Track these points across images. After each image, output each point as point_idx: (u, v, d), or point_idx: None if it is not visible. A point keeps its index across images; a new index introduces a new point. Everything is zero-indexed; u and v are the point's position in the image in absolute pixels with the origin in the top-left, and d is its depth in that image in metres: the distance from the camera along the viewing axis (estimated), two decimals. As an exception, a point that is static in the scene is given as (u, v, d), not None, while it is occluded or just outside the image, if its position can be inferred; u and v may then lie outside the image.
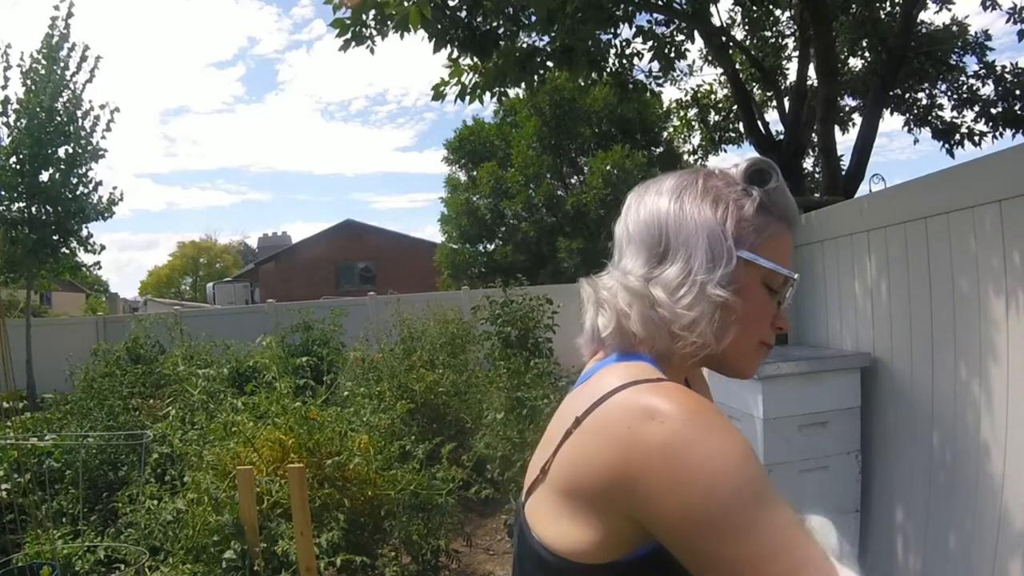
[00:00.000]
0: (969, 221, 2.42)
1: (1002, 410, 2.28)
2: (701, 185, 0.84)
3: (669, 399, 0.70)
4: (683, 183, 0.85)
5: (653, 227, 0.83)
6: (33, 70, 10.00)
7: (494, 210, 18.34)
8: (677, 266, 0.81)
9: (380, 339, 6.17)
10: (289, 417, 3.31)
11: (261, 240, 35.19)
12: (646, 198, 0.87)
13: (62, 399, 6.38)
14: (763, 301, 0.84)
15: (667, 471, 0.66)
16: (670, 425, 0.67)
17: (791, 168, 6.05)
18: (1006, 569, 2.24)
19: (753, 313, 0.83)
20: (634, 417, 0.70)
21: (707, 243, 0.80)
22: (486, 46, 4.71)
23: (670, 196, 0.84)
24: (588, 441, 0.74)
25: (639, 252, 0.84)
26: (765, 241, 0.83)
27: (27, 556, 3.32)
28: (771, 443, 2.86)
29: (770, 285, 0.84)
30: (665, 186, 0.86)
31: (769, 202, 0.83)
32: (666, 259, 0.82)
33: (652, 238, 0.83)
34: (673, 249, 0.82)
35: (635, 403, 0.71)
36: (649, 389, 0.73)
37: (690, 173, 0.87)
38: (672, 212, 0.82)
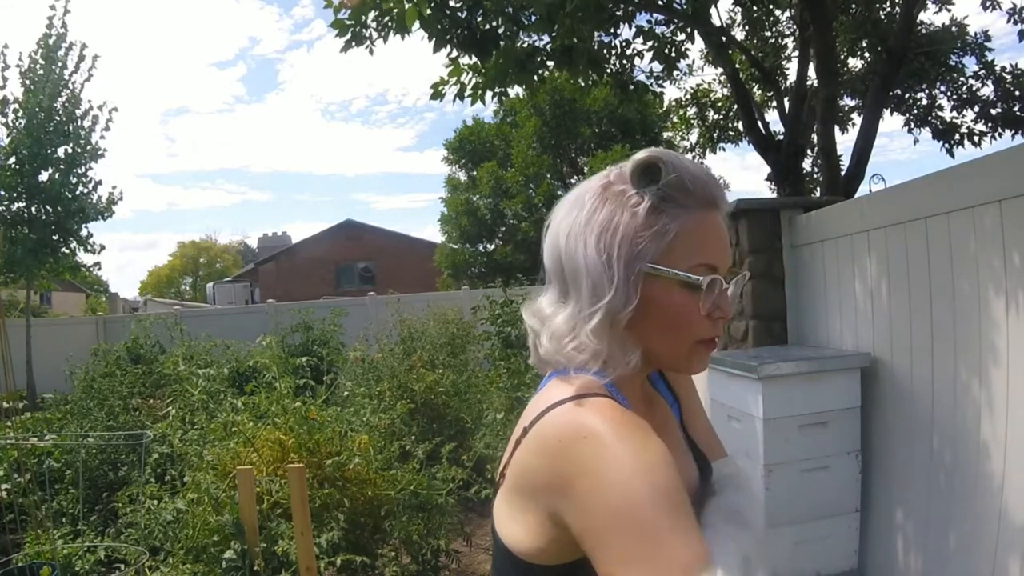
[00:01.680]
0: (969, 221, 2.42)
1: (1002, 410, 2.28)
2: (591, 201, 0.82)
3: (596, 416, 0.73)
4: (575, 203, 0.84)
5: (554, 262, 0.84)
6: (31, 70, 10.00)
7: (494, 210, 18.36)
8: (568, 310, 0.82)
9: (380, 339, 6.17)
10: (289, 417, 3.31)
11: (261, 240, 35.19)
12: (553, 221, 0.86)
13: (62, 399, 6.39)
14: (684, 302, 0.80)
15: (589, 484, 0.69)
16: (594, 441, 0.71)
17: (791, 168, 6.05)
18: (1006, 569, 2.24)
19: (674, 318, 0.80)
20: (564, 433, 0.74)
21: (590, 281, 0.79)
22: (486, 46, 4.71)
23: (564, 222, 0.83)
24: (530, 452, 0.77)
25: (552, 288, 0.86)
26: (673, 241, 0.79)
27: (27, 556, 3.32)
28: (771, 443, 2.86)
29: (690, 284, 0.79)
30: (563, 208, 0.85)
31: (664, 200, 0.79)
32: (567, 298, 0.83)
33: (557, 274, 0.84)
34: (570, 288, 0.82)
35: (567, 419, 0.75)
36: (581, 405, 0.76)
37: (592, 183, 0.85)
38: (563, 245, 0.82)
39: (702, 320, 0.81)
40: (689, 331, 0.81)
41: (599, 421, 0.73)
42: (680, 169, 0.79)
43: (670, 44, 6.00)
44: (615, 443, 0.70)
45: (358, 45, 4.34)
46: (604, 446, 0.70)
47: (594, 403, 0.76)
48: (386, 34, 4.23)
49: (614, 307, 0.78)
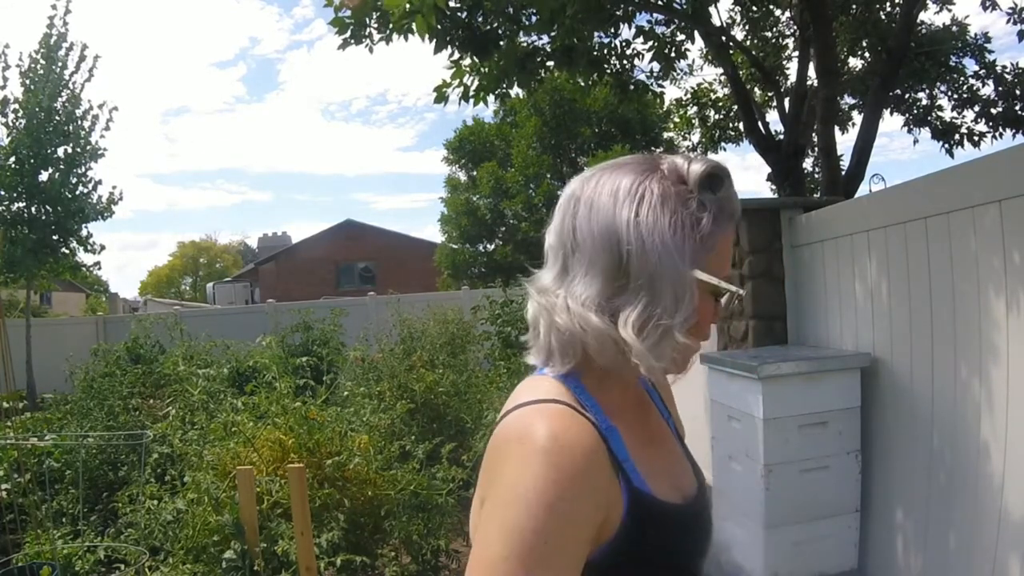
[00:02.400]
0: (969, 221, 2.42)
1: (1002, 410, 2.28)
2: (658, 193, 0.78)
3: (545, 426, 0.74)
4: (640, 188, 0.78)
5: (612, 247, 0.78)
6: (32, 70, 10.01)
7: (494, 210, 18.36)
8: (640, 306, 0.77)
9: (380, 339, 6.17)
10: (289, 417, 3.31)
11: (261, 240, 35.21)
12: (600, 200, 0.80)
13: (62, 399, 6.40)
14: (707, 309, 0.82)
15: (496, 491, 0.73)
16: (523, 449, 0.73)
17: (791, 168, 6.05)
18: (1006, 569, 2.24)
19: (700, 322, 0.82)
20: (512, 435, 0.76)
21: (671, 284, 0.77)
22: (486, 46, 4.71)
23: (628, 207, 0.78)
24: (487, 453, 0.79)
25: (595, 276, 0.79)
26: (713, 252, 0.80)
27: (27, 556, 3.32)
28: (771, 443, 2.86)
29: (718, 293, 0.81)
30: (621, 189, 0.79)
31: (720, 212, 0.79)
32: (626, 291, 0.78)
33: (611, 262, 0.78)
34: (634, 283, 0.77)
35: (519, 423, 0.77)
36: (538, 412, 0.77)
37: (643, 171, 0.80)
38: (633, 234, 0.77)
39: (710, 324, 0.84)
40: (703, 335, 0.84)
41: (542, 433, 0.73)
42: (731, 184, 0.81)
43: (670, 44, 6.00)
44: (536, 459, 0.71)
45: (357, 44, 4.34)
46: (527, 457, 0.72)
47: (552, 411, 0.76)
48: (388, 35, 4.24)
49: (692, 314, 0.78)
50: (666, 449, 0.91)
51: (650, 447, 0.86)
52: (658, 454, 0.87)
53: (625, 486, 0.77)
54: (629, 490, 0.77)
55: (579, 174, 0.87)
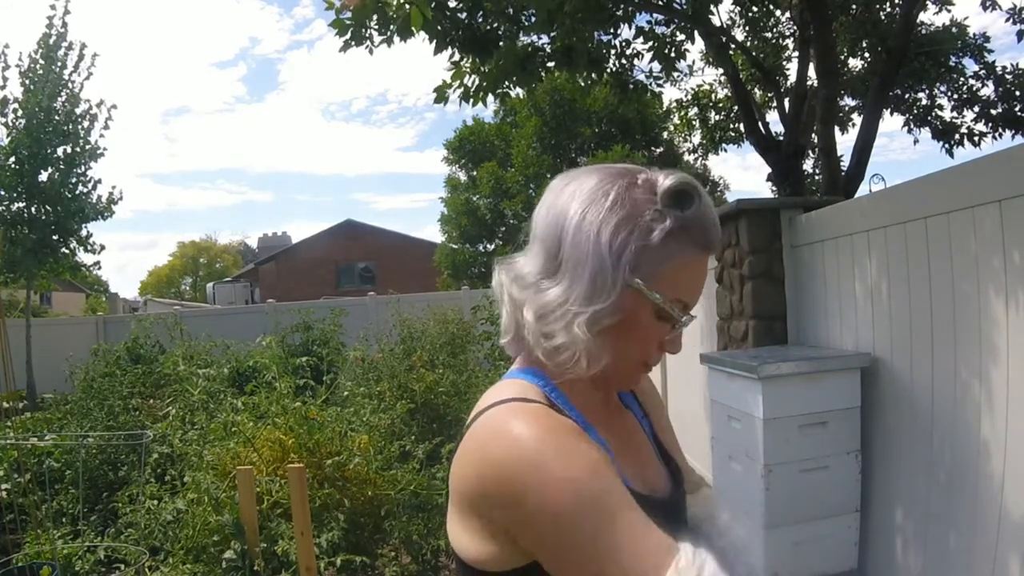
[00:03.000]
0: (969, 221, 2.42)
1: (1002, 410, 2.28)
2: (614, 196, 0.78)
3: (522, 423, 0.74)
4: (599, 190, 0.79)
5: (554, 234, 0.80)
6: (31, 70, 10.01)
7: (494, 210, 18.37)
8: (559, 288, 0.79)
9: (380, 339, 6.17)
10: (289, 417, 3.31)
11: (261, 240, 35.19)
12: (563, 193, 0.82)
13: (62, 399, 6.39)
14: (651, 326, 0.81)
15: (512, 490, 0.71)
16: (517, 448, 0.72)
17: (791, 168, 6.05)
18: (1006, 569, 2.24)
19: (637, 338, 0.81)
20: (488, 438, 0.76)
21: (591, 273, 0.77)
22: (486, 46, 4.71)
23: (580, 203, 0.79)
24: (460, 454, 0.79)
25: (538, 255, 0.82)
26: (667, 270, 0.79)
27: (27, 556, 3.32)
28: (771, 443, 2.86)
29: (661, 315, 0.80)
30: (583, 187, 0.80)
31: (681, 229, 0.78)
32: (555, 274, 0.80)
33: (551, 246, 0.80)
34: (563, 268, 0.79)
35: (492, 424, 0.77)
36: (510, 411, 0.77)
37: (616, 176, 0.81)
38: (573, 224, 0.78)
39: (655, 347, 0.83)
40: (642, 353, 0.83)
41: (523, 429, 0.73)
42: (704, 206, 0.80)
43: (670, 44, 6.00)
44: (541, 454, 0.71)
45: (358, 45, 4.34)
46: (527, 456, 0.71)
47: (524, 409, 0.77)
48: (389, 37, 4.23)
49: (605, 311, 0.77)
50: (636, 448, 0.92)
51: (622, 443, 0.88)
52: (629, 450, 0.89)
53: None
54: None
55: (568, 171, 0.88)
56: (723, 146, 9.37)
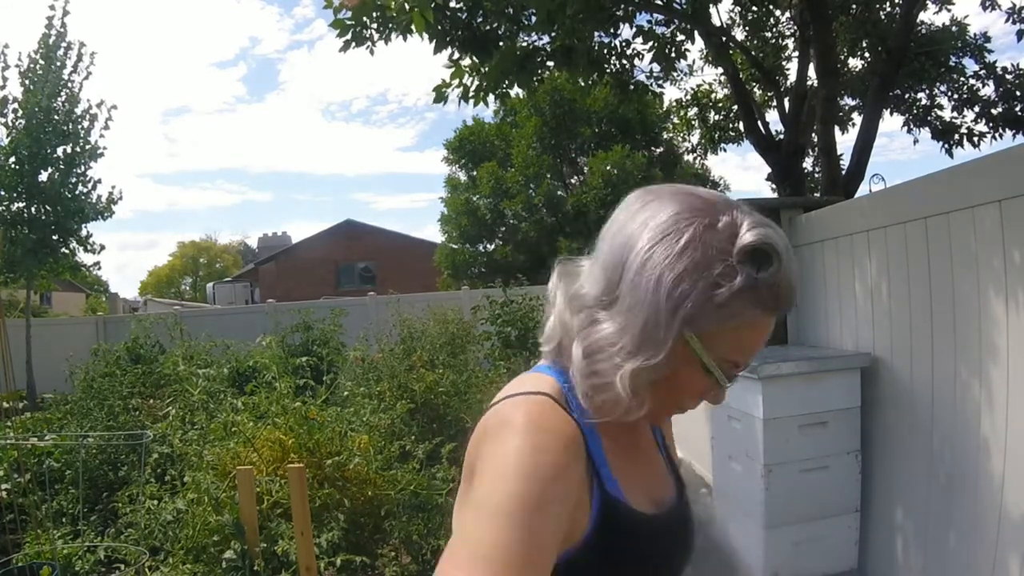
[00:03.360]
0: (969, 221, 2.42)
1: (1002, 410, 2.28)
2: (688, 239, 0.72)
3: (522, 411, 0.76)
4: (673, 227, 0.73)
5: (617, 263, 0.76)
6: (31, 70, 10.01)
7: (494, 210, 18.36)
8: (611, 327, 0.75)
9: (380, 339, 6.17)
10: (289, 417, 3.31)
11: (261, 240, 35.20)
12: (636, 217, 0.77)
13: (62, 399, 6.39)
14: (696, 379, 0.77)
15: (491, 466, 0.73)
16: (504, 432, 0.75)
17: (791, 168, 6.05)
18: (1006, 569, 2.24)
19: (678, 390, 0.78)
20: (494, 423, 0.78)
21: (644, 322, 0.72)
22: (486, 46, 4.71)
23: (651, 237, 0.74)
24: (471, 442, 0.81)
25: (599, 279, 0.78)
26: (726, 330, 0.74)
27: (27, 556, 3.32)
28: (771, 443, 2.86)
29: (712, 373, 0.76)
30: (659, 218, 0.75)
31: (751, 290, 0.72)
32: (612, 307, 0.76)
33: (613, 275, 0.76)
34: (619, 304, 0.75)
35: (500, 412, 0.78)
36: (519, 401, 0.78)
37: (696, 212, 0.74)
38: (637, 261, 0.73)
39: (695, 398, 0.81)
40: (682, 402, 0.81)
41: (520, 417, 0.75)
42: (784, 270, 0.73)
43: (670, 44, 6.00)
44: (515, 439, 0.73)
45: (358, 45, 4.34)
46: (508, 439, 0.74)
47: (532, 401, 0.78)
48: (387, 35, 4.24)
49: (651, 367, 0.73)
50: (647, 460, 0.91)
51: (631, 456, 0.85)
52: (638, 464, 0.86)
53: (597, 490, 0.77)
54: (601, 494, 0.77)
55: (656, 185, 0.83)
56: (723, 146, 9.37)
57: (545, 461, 0.72)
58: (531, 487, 0.69)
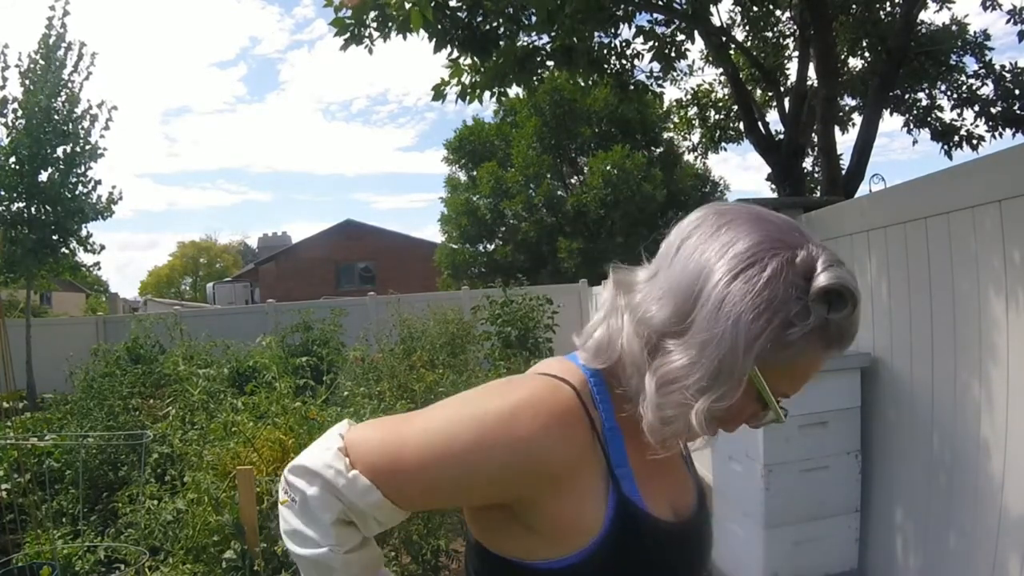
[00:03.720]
0: (969, 221, 2.42)
1: (1002, 410, 2.28)
2: (769, 276, 0.69)
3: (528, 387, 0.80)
4: (755, 259, 0.71)
5: (691, 290, 0.72)
6: (31, 70, 10.00)
7: (494, 210, 18.35)
8: (683, 360, 0.72)
9: (380, 339, 6.17)
10: (289, 417, 3.31)
11: (261, 240, 35.20)
12: (715, 239, 0.74)
13: (62, 399, 6.38)
14: (749, 408, 0.76)
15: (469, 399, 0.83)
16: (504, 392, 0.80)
17: (791, 168, 6.06)
18: (1006, 569, 2.24)
19: (734, 415, 0.76)
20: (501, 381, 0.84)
21: (719, 360, 0.70)
22: (486, 46, 4.72)
23: (730, 268, 0.71)
24: None
25: (668, 303, 0.74)
26: (786, 364, 0.72)
27: (27, 556, 3.32)
28: (771, 443, 2.86)
29: (764, 403, 0.75)
30: (739, 247, 0.72)
31: (822, 329, 0.70)
32: (679, 339, 0.73)
33: (683, 305, 0.73)
34: (690, 338, 0.72)
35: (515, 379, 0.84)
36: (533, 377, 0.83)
37: (777, 245, 0.72)
38: (715, 295, 0.70)
39: (740, 424, 0.80)
40: (726, 426, 0.79)
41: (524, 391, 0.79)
42: (857, 312, 0.72)
43: (670, 44, 6.00)
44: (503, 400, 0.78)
45: (358, 44, 4.34)
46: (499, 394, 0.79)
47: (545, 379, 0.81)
48: (387, 34, 4.24)
49: (721, 404, 0.72)
50: (671, 467, 0.89)
51: (655, 461, 0.81)
52: (661, 470, 0.84)
53: (613, 490, 0.77)
54: (617, 495, 0.77)
55: (723, 203, 0.82)
56: (723, 145, 9.38)
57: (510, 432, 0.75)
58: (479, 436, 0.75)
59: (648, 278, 0.78)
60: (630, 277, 0.81)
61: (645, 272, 0.80)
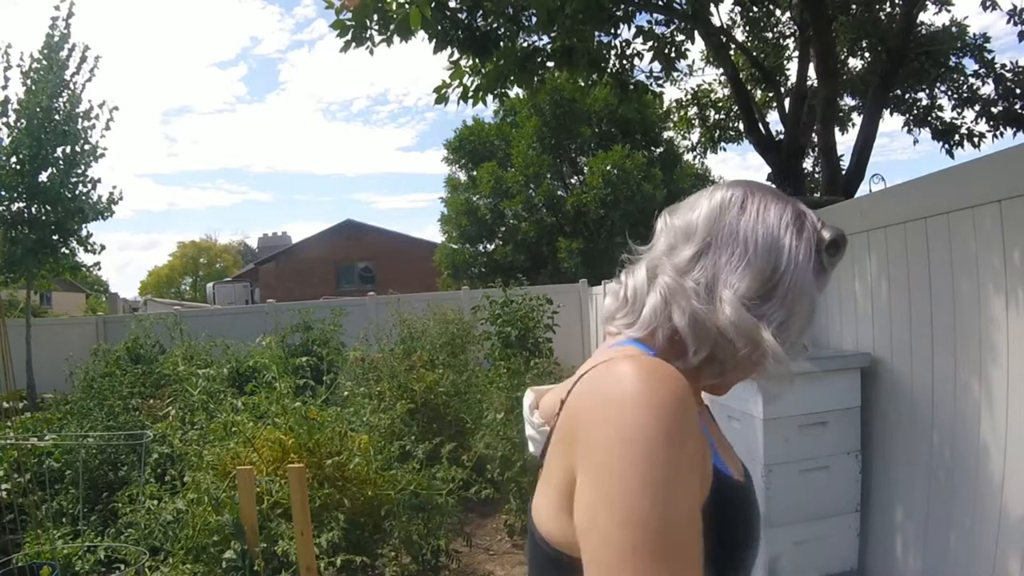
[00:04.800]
0: (969, 221, 2.42)
1: (1002, 410, 2.28)
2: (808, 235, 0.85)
3: (633, 366, 0.69)
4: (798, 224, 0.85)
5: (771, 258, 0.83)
6: (33, 70, 10.00)
7: (494, 210, 18.34)
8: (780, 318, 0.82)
9: (380, 339, 6.17)
10: (289, 417, 3.31)
11: (261, 240, 35.21)
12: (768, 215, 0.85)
13: (62, 399, 6.39)
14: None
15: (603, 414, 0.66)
16: (620, 388, 0.67)
17: (791, 168, 6.06)
18: (1006, 569, 2.24)
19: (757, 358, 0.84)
20: (597, 379, 0.72)
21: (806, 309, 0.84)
22: (486, 46, 4.71)
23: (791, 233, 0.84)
24: (563, 417, 0.74)
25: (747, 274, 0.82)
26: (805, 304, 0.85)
27: (27, 556, 3.32)
28: (771, 443, 2.86)
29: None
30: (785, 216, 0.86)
31: (825, 277, 0.87)
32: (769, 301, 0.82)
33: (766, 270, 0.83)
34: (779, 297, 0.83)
35: (605, 369, 0.72)
36: (623, 359, 0.72)
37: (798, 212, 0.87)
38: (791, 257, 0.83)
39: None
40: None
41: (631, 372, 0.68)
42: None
43: (670, 44, 6.00)
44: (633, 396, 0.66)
45: (358, 46, 4.34)
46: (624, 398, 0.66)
47: (639, 357, 0.74)
48: (389, 36, 4.24)
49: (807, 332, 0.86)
50: (721, 434, 0.94)
51: (716, 432, 0.90)
52: (720, 439, 0.90)
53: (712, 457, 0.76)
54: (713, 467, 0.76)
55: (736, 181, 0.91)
56: (723, 145, 9.38)
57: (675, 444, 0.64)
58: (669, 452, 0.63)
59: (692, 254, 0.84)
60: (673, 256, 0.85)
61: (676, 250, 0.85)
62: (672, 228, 0.88)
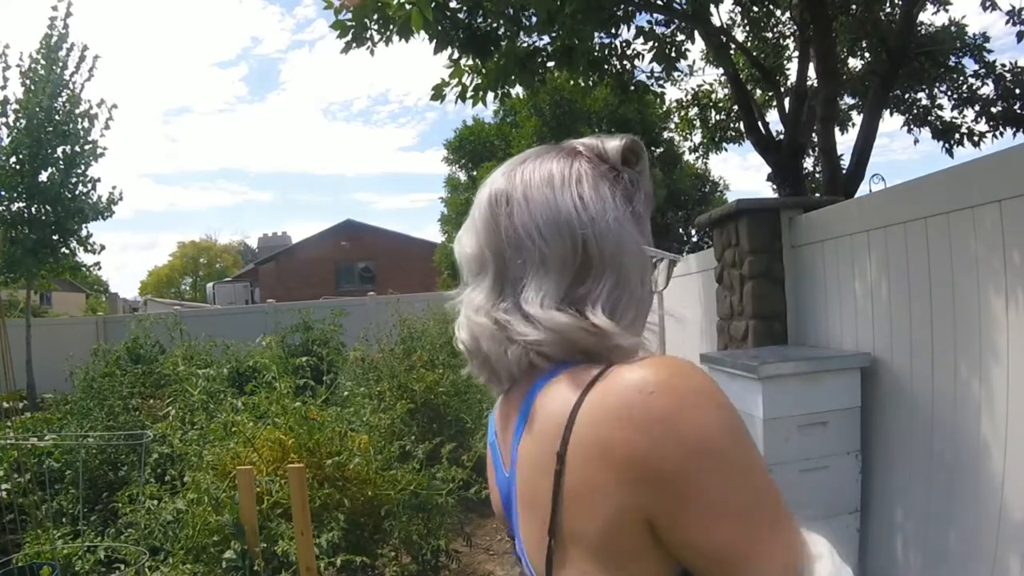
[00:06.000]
0: (969, 221, 2.42)
1: (1002, 410, 2.28)
2: (591, 173, 0.74)
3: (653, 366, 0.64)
4: (573, 171, 0.74)
5: (564, 235, 0.71)
6: (32, 70, 10.00)
7: (494, 210, 18.34)
8: (607, 288, 0.71)
9: (380, 339, 6.17)
10: (289, 417, 3.31)
11: (261, 240, 35.22)
12: (534, 192, 0.74)
13: (62, 399, 6.39)
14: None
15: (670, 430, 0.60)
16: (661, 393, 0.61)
17: (791, 168, 6.06)
18: (1006, 569, 2.24)
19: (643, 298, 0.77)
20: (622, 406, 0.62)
21: (634, 259, 0.73)
22: (486, 47, 4.72)
23: (569, 190, 0.72)
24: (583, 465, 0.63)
25: (547, 271, 0.71)
26: (643, 225, 0.77)
27: (27, 556, 3.32)
28: (771, 443, 2.86)
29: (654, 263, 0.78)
30: (555, 175, 0.74)
31: (643, 182, 0.77)
32: (587, 278, 0.71)
33: (566, 251, 0.71)
34: (596, 267, 0.71)
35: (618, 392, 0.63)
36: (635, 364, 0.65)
37: (565, 156, 0.76)
38: (584, 217, 0.71)
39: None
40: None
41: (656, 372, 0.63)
42: (646, 158, 0.78)
43: (670, 44, 6.00)
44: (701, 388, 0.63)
45: (359, 46, 4.34)
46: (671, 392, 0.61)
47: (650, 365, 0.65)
48: (388, 36, 4.24)
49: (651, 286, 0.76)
50: None
51: None
52: None
53: None
54: None
55: (499, 167, 0.83)
56: (723, 145, 9.38)
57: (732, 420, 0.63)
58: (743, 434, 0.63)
59: (491, 283, 0.75)
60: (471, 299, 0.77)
61: (476, 286, 0.77)
62: (464, 258, 0.80)
